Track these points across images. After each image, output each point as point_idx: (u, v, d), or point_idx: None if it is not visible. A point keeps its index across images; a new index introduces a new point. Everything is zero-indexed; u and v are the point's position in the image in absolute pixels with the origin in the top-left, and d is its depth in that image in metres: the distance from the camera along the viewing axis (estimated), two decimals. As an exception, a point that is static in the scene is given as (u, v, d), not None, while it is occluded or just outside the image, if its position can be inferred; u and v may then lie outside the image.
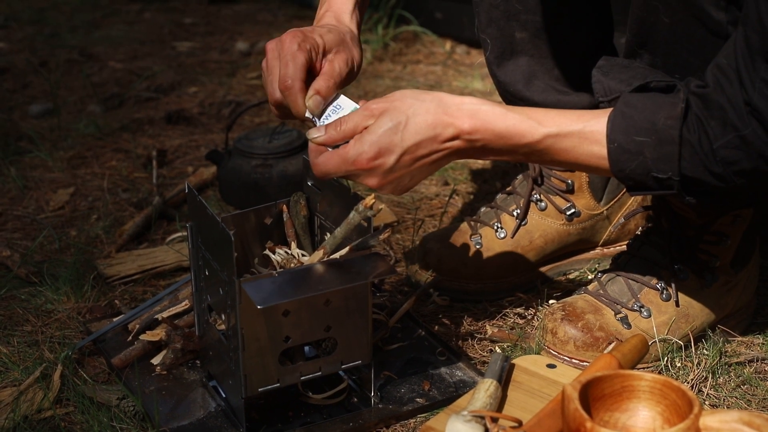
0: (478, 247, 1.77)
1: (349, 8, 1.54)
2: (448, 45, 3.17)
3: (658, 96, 1.29)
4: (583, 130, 1.31)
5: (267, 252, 1.54)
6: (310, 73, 1.44)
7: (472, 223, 1.81)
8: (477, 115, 1.32)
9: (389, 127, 1.32)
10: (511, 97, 1.74)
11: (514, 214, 1.79)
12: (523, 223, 1.78)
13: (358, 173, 1.34)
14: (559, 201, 1.79)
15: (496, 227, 1.78)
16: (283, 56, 1.42)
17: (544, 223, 1.79)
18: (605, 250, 1.86)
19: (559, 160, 1.34)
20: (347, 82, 1.48)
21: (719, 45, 1.29)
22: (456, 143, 1.33)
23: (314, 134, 1.37)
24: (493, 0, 1.67)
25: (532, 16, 1.67)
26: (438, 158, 1.34)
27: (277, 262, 1.50)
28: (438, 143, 1.32)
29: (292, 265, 1.48)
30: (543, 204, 1.79)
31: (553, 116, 1.32)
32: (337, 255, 1.40)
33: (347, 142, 1.35)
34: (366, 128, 1.33)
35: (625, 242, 1.82)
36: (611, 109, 1.31)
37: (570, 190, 1.78)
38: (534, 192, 1.79)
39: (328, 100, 1.42)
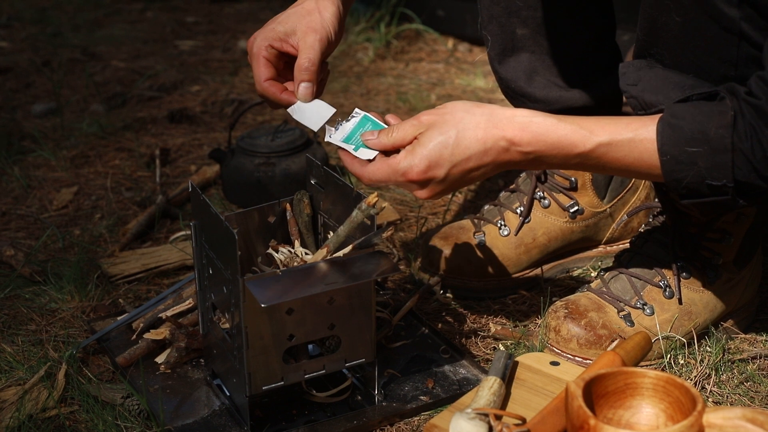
0: (481, 244, 1.77)
1: None
2: (450, 43, 3.17)
3: (703, 104, 1.29)
4: (634, 138, 1.30)
5: (270, 250, 1.54)
6: (287, 62, 1.49)
7: (476, 220, 1.81)
8: (528, 127, 1.33)
9: (439, 141, 1.33)
10: (513, 94, 1.74)
11: (518, 211, 1.79)
12: (526, 220, 1.78)
13: (408, 185, 1.36)
14: (562, 199, 1.79)
15: (499, 225, 1.78)
16: (251, 63, 1.48)
17: (548, 221, 1.79)
18: (608, 248, 1.86)
19: (611, 168, 1.34)
20: (333, 46, 1.49)
21: (733, 41, 1.29)
22: (507, 156, 1.34)
23: (367, 137, 1.39)
24: None
25: (533, 12, 1.67)
26: (488, 171, 1.36)
27: (281, 261, 1.51)
28: (489, 157, 1.34)
29: (296, 263, 1.49)
30: (546, 201, 1.79)
31: (604, 125, 1.32)
32: (340, 253, 1.40)
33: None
34: (416, 138, 1.35)
35: (628, 240, 1.82)
36: (659, 116, 1.30)
37: (573, 187, 1.78)
38: (537, 189, 1.79)
39: (315, 80, 1.45)
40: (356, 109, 1.44)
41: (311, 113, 1.44)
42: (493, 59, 1.74)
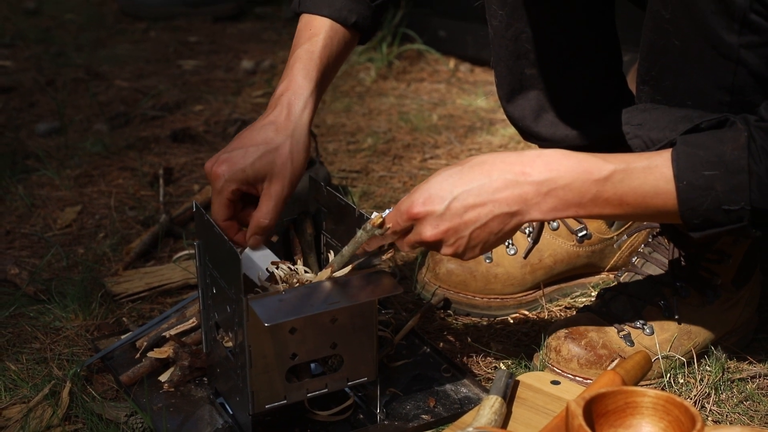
0: (488, 261, 1.78)
1: (306, 92, 1.52)
2: (451, 63, 3.19)
3: (715, 132, 1.29)
4: (650, 165, 1.29)
5: (270, 266, 1.55)
6: (248, 198, 1.50)
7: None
8: (539, 157, 1.31)
9: (443, 176, 1.33)
10: (522, 132, 1.77)
11: (526, 231, 1.80)
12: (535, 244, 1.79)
13: (410, 224, 1.35)
14: (571, 222, 1.80)
15: (507, 243, 1.79)
16: (212, 193, 1.48)
17: (555, 243, 1.80)
18: (611, 275, 1.86)
19: (628, 203, 1.30)
20: (294, 189, 1.50)
21: (730, 68, 1.30)
22: (518, 190, 1.30)
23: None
24: (501, 40, 1.69)
25: (541, 54, 1.69)
26: (496, 212, 1.31)
27: (280, 277, 1.51)
28: (494, 189, 1.30)
29: (295, 280, 1.49)
30: (555, 224, 1.80)
31: (616, 155, 1.31)
32: (342, 273, 1.41)
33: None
34: None
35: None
36: (670, 149, 1.29)
37: (584, 212, 1.80)
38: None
39: (266, 235, 1.48)
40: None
41: (260, 264, 1.45)
42: (502, 98, 1.76)
